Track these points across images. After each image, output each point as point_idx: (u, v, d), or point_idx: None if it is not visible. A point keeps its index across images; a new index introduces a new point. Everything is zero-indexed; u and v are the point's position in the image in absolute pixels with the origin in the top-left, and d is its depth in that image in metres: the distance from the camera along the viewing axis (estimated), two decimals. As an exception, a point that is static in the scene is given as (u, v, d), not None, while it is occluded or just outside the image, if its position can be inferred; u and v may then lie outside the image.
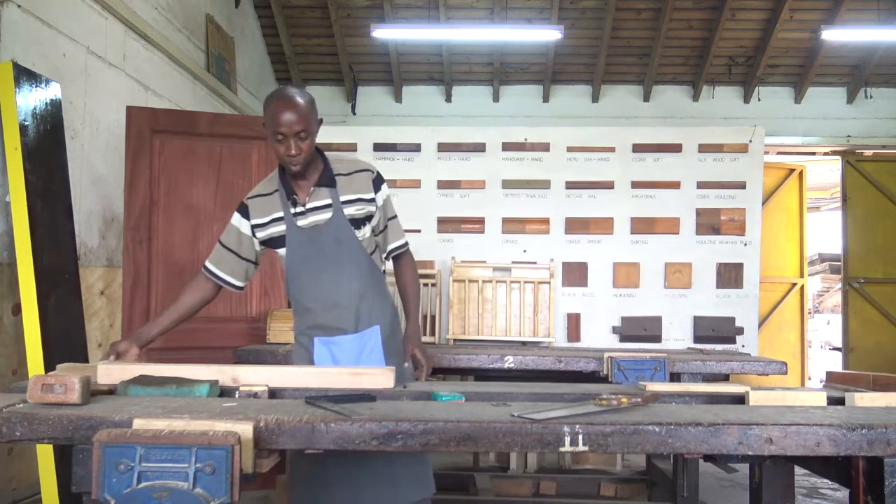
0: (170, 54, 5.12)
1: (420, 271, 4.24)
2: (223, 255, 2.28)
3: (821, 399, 1.82)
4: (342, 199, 2.20)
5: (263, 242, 2.27)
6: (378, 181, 2.27)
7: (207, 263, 2.29)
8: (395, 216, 2.36)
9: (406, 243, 2.40)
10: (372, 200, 2.24)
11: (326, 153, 2.29)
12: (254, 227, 2.24)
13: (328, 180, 2.20)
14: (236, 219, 2.26)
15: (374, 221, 2.27)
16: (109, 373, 1.89)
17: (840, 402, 1.87)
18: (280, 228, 2.21)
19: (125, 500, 1.28)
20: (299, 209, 2.19)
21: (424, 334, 4.33)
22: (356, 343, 2.24)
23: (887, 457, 1.47)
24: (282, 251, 2.24)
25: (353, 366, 2.19)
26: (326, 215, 2.19)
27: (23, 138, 3.20)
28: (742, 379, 4.03)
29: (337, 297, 2.21)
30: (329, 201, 2.19)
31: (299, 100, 2.10)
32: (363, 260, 2.24)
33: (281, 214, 2.20)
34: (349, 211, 2.20)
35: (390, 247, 2.37)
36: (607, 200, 4.62)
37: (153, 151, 3.97)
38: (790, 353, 6.68)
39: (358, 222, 2.21)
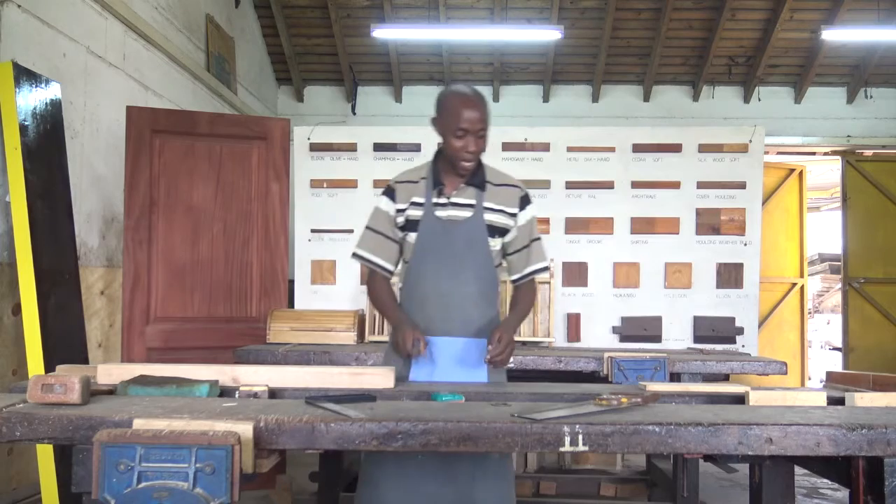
0: (170, 54, 5.12)
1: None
2: (376, 241, 2.27)
3: (821, 399, 1.82)
4: (485, 204, 2.20)
5: (400, 227, 2.26)
6: (525, 200, 2.25)
7: (359, 250, 2.29)
8: (540, 238, 2.31)
9: (547, 266, 2.33)
10: (513, 216, 2.23)
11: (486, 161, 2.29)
12: (397, 210, 2.24)
13: (479, 182, 2.21)
14: (385, 203, 2.26)
15: (508, 237, 2.25)
16: (109, 373, 1.89)
17: (840, 402, 1.87)
18: (416, 213, 2.21)
19: (125, 500, 1.28)
20: (442, 200, 2.20)
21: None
22: (461, 349, 2.19)
23: (887, 457, 1.47)
24: (412, 236, 2.22)
25: (453, 374, 2.15)
26: (466, 213, 2.19)
27: (23, 138, 3.20)
28: (742, 379, 4.03)
29: (452, 295, 2.18)
30: (473, 202, 2.19)
31: (482, 99, 2.13)
32: (488, 268, 2.22)
33: (421, 200, 2.21)
34: (489, 217, 2.20)
35: (533, 267, 2.28)
36: (607, 200, 4.62)
37: (153, 151, 3.98)
38: (790, 353, 6.67)
39: (494, 230, 2.20)
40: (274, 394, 1.86)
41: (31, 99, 3.31)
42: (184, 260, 4.03)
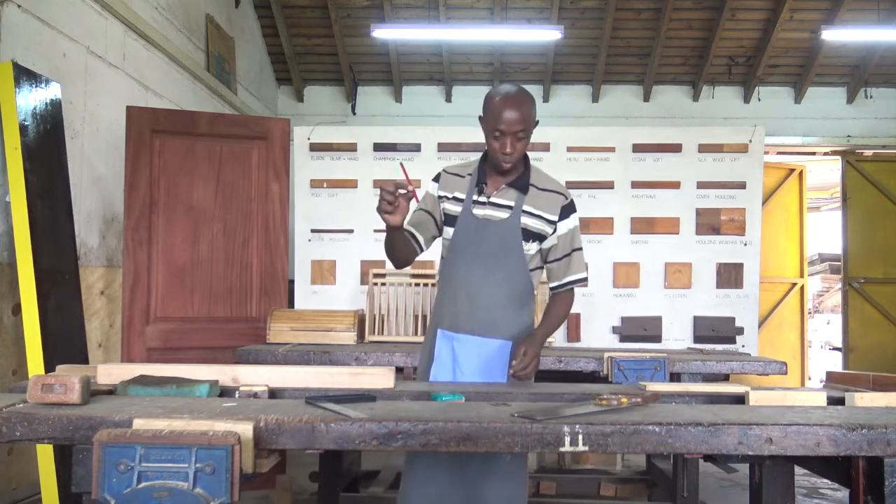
0: (170, 54, 5.12)
1: (421, 271, 4.25)
2: (417, 215, 2.29)
3: (821, 399, 1.82)
4: (525, 207, 2.19)
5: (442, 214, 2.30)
6: (568, 209, 2.23)
7: (406, 224, 2.27)
8: (581, 248, 2.29)
9: (586, 278, 2.31)
10: (552, 223, 2.21)
11: (532, 163, 2.29)
12: (440, 196, 2.28)
13: (522, 185, 2.20)
14: (432, 186, 2.31)
15: (547, 244, 2.24)
16: (109, 373, 1.89)
17: (840, 402, 1.87)
18: (456, 208, 2.24)
19: (125, 500, 1.28)
20: (482, 198, 2.21)
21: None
22: (483, 349, 2.19)
23: (887, 457, 1.47)
24: (449, 231, 2.26)
25: (474, 374, 2.17)
26: (503, 215, 2.19)
27: (23, 138, 3.20)
28: (742, 379, 4.03)
29: (480, 295, 2.19)
30: (512, 203, 2.19)
31: (524, 100, 2.12)
32: (519, 271, 2.21)
33: (462, 196, 2.23)
34: (526, 221, 2.18)
35: (572, 277, 2.27)
36: (607, 200, 4.62)
37: (153, 151, 3.98)
38: (790, 353, 6.67)
39: (529, 234, 2.19)
40: (274, 394, 1.86)
41: (31, 99, 3.31)
42: (184, 260, 4.03)
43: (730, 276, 4.57)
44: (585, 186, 4.62)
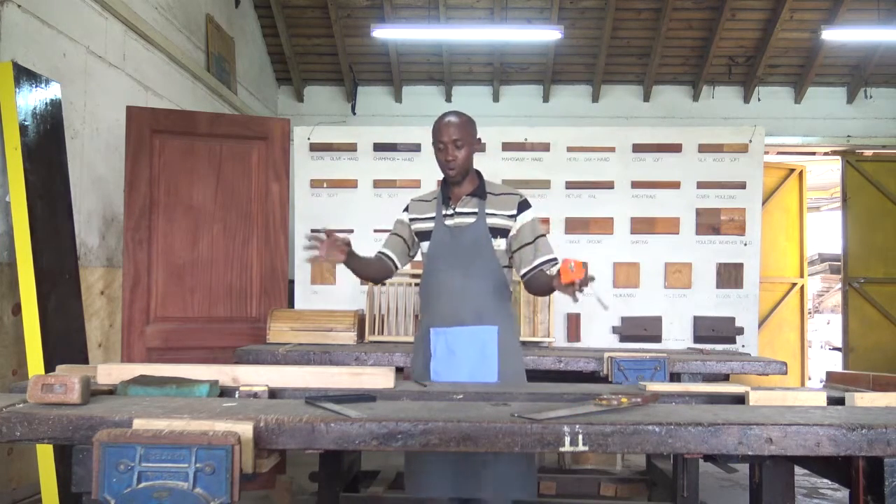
0: (170, 54, 5.12)
1: (420, 272, 4.25)
2: (391, 240, 2.68)
3: (821, 399, 1.82)
4: (487, 210, 2.50)
5: (416, 235, 2.64)
6: (523, 205, 2.53)
7: (381, 248, 2.70)
8: (545, 235, 2.57)
9: (555, 257, 2.53)
10: (513, 217, 2.50)
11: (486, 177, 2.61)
12: (411, 219, 2.63)
13: (480, 193, 2.52)
14: (402, 215, 2.68)
15: (510, 235, 2.51)
16: (109, 373, 1.89)
17: (840, 402, 1.87)
18: (429, 225, 2.55)
19: (125, 500, 1.28)
20: (450, 211, 2.52)
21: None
22: (473, 337, 2.43)
23: (887, 457, 1.47)
24: (425, 245, 2.57)
25: (469, 359, 2.40)
26: (471, 220, 2.50)
27: (23, 138, 3.20)
28: (742, 379, 4.03)
29: (464, 288, 2.44)
30: (476, 210, 2.50)
31: (459, 116, 2.50)
32: (494, 264, 2.48)
33: (433, 214, 2.56)
34: (490, 220, 2.49)
35: (542, 259, 2.50)
36: (607, 200, 4.62)
37: (153, 151, 3.98)
38: (790, 353, 6.67)
39: (496, 231, 2.49)
40: (274, 394, 1.87)
41: (31, 99, 3.31)
42: (184, 260, 4.03)
43: (730, 276, 4.57)
44: (585, 186, 4.62)
